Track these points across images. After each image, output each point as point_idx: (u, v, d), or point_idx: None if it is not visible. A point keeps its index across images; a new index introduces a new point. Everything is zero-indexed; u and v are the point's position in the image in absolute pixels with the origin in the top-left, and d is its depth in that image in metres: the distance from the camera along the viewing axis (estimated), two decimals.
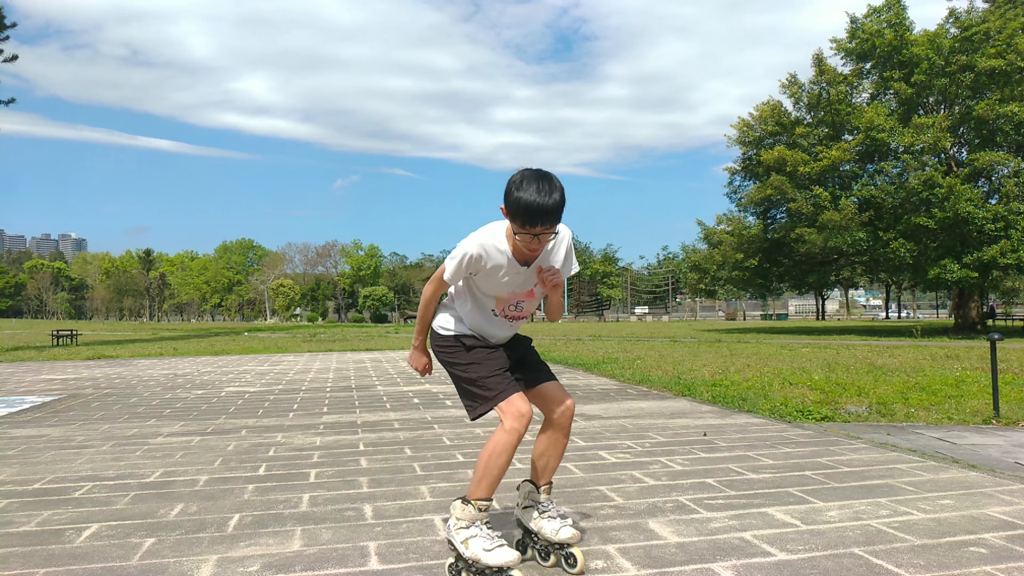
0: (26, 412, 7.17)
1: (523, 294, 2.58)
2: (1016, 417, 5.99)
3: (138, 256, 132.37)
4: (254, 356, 16.63)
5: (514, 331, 2.72)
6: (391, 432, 5.69)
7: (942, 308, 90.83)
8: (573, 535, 2.58)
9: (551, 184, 2.31)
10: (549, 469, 2.69)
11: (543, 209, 2.27)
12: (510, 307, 2.60)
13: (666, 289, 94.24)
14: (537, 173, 2.34)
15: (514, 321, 2.65)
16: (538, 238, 2.35)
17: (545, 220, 2.29)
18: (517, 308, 2.62)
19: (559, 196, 2.31)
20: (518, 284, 2.54)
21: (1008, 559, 2.65)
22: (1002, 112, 25.74)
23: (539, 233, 2.33)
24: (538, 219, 2.28)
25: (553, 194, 2.29)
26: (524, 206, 2.27)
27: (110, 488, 3.91)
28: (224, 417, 6.63)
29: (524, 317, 2.66)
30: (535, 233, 2.32)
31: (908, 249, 27.04)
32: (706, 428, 5.71)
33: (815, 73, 31.50)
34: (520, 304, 2.61)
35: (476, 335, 2.64)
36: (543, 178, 2.32)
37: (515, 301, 2.60)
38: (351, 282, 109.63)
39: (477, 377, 2.55)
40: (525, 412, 2.47)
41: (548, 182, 2.31)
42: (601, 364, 12.28)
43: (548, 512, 2.65)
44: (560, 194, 2.31)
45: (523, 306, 2.62)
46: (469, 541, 2.43)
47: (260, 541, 2.95)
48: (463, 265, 2.47)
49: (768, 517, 3.21)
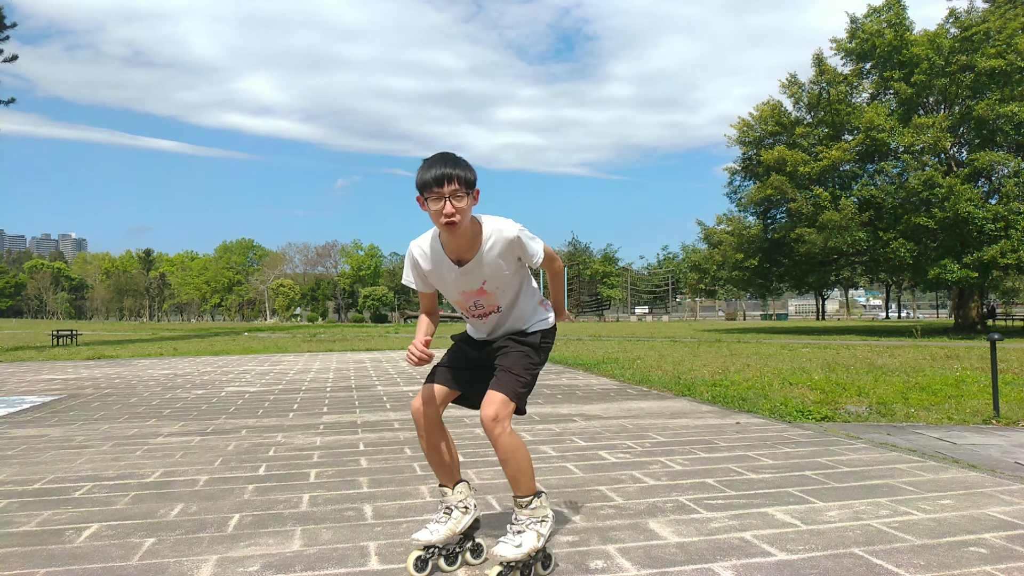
0: (26, 412, 7.17)
1: (474, 292, 2.58)
2: (1016, 417, 5.99)
3: (138, 256, 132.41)
4: (254, 356, 16.63)
5: (500, 327, 2.69)
6: (391, 432, 5.69)
7: (942, 308, 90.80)
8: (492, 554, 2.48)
9: (455, 155, 2.43)
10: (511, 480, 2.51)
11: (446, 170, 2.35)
12: (471, 307, 2.63)
13: (666, 289, 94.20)
14: (441, 152, 2.45)
15: (483, 319, 2.66)
16: (449, 201, 2.34)
17: (452, 179, 2.34)
18: (477, 307, 2.62)
19: (465, 162, 2.41)
20: (464, 283, 2.55)
21: (1008, 559, 2.65)
22: (1002, 112, 25.73)
23: (449, 194, 2.34)
24: (443, 178, 2.34)
25: (458, 159, 2.41)
26: (431, 171, 2.37)
27: (110, 488, 3.91)
28: (224, 417, 6.63)
29: (490, 313, 2.64)
30: (446, 194, 2.34)
31: (908, 249, 27.04)
32: (707, 428, 5.71)
33: (815, 73, 31.51)
34: (478, 302, 2.61)
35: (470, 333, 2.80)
36: (447, 152, 2.46)
37: (471, 300, 2.60)
38: (351, 282, 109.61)
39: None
40: (414, 401, 2.65)
41: (452, 154, 2.43)
42: (601, 364, 12.28)
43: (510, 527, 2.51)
44: (453, 157, 2.41)
45: (482, 303, 2.61)
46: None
47: (260, 541, 2.95)
48: (411, 267, 2.63)
49: (768, 517, 3.21)
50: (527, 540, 2.44)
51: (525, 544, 2.43)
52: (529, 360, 2.60)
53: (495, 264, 2.51)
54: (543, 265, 2.66)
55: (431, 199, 2.36)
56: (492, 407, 2.45)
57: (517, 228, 2.50)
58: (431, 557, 2.58)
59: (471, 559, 2.67)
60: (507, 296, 2.62)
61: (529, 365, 2.59)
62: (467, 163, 2.41)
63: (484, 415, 2.44)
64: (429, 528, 2.60)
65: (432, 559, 2.58)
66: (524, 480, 2.49)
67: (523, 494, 2.49)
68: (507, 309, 2.65)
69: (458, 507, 2.64)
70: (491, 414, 2.43)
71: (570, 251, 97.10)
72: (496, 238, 2.48)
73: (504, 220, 2.52)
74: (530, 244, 2.54)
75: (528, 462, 2.50)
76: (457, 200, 2.34)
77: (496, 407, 2.44)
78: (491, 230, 2.48)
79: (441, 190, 2.34)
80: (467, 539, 2.68)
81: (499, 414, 2.44)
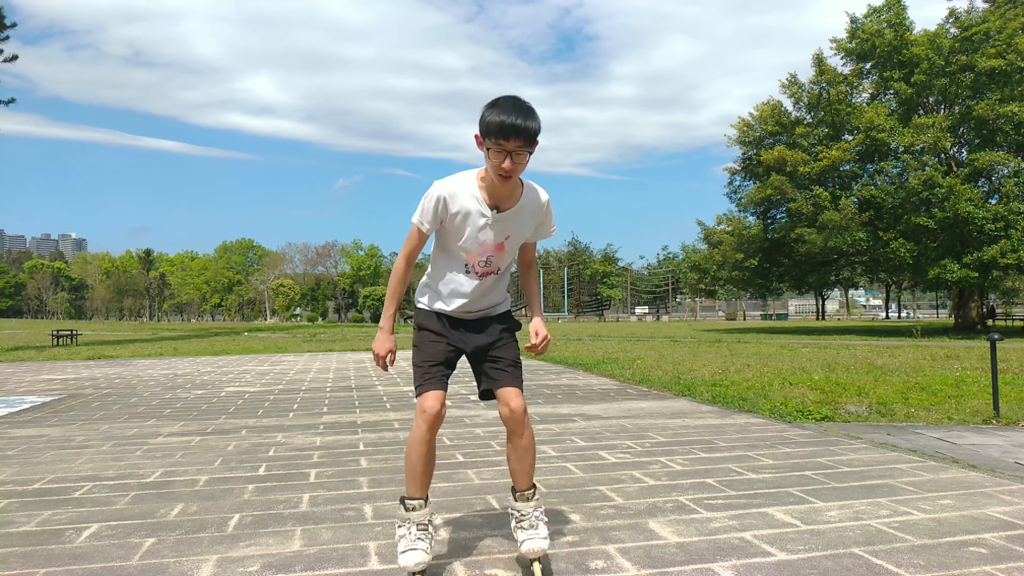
0: (26, 412, 7.17)
1: (492, 246, 2.54)
2: (1016, 417, 5.99)
3: (138, 256, 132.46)
4: (254, 356, 16.63)
5: (488, 297, 2.64)
6: (391, 432, 5.69)
7: (942, 308, 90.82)
8: (529, 550, 2.49)
9: (528, 105, 2.35)
10: (517, 475, 2.60)
11: (516, 124, 2.28)
12: (480, 263, 2.56)
13: (666, 289, 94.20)
14: (513, 98, 2.36)
15: (481, 279, 2.59)
16: (511, 157, 2.31)
17: (519, 134, 2.28)
18: (487, 264, 2.57)
19: (535, 115, 2.34)
20: (487, 234, 2.51)
21: (1008, 559, 2.65)
22: (1002, 112, 25.74)
23: (513, 150, 2.30)
24: (512, 133, 2.27)
25: (530, 112, 2.32)
26: (499, 118, 2.28)
27: (110, 488, 3.91)
28: (224, 417, 6.63)
29: (490, 274, 2.60)
30: (509, 150, 2.30)
31: (908, 249, 27.05)
32: (707, 428, 5.71)
33: (815, 73, 31.53)
34: (490, 259, 2.57)
35: (442, 304, 2.61)
36: (519, 100, 2.36)
37: (485, 255, 2.55)
38: (351, 282, 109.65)
39: (415, 362, 2.61)
40: (427, 409, 2.48)
41: (524, 103, 2.35)
42: (601, 364, 12.28)
43: (522, 523, 2.57)
44: (536, 115, 2.34)
45: (492, 261, 2.58)
46: (400, 540, 2.48)
47: (260, 541, 2.95)
48: (433, 207, 2.46)
49: (768, 517, 3.21)
50: (544, 529, 2.56)
51: (545, 534, 2.55)
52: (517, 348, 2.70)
53: (523, 222, 2.56)
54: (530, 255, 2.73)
55: (492, 149, 2.32)
56: (520, 399, 2.56)
57: (548, 195, 2.61)
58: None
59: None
60: (506, 262, 2.64)
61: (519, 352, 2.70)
62: (536, 114, 2.34)
63: (517, 406, 2.52)
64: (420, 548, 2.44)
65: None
66: (532, 470, 2.62)
67: (528, 487, 2.60)
68: (501, 276, 2.66)
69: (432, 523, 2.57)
70: (523, 405, 2.55)
71: (570, 251, 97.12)
72: (532, 196, 2.56)
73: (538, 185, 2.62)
74: (552, 215, 2.65)
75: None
76: (518, 157, 2.33)
77: (522, 399, 2.57)
78: (529, 187, 2.57)
79: (506, 144, 2.29)
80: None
81: (525, 405, 2.57)
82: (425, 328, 2.63)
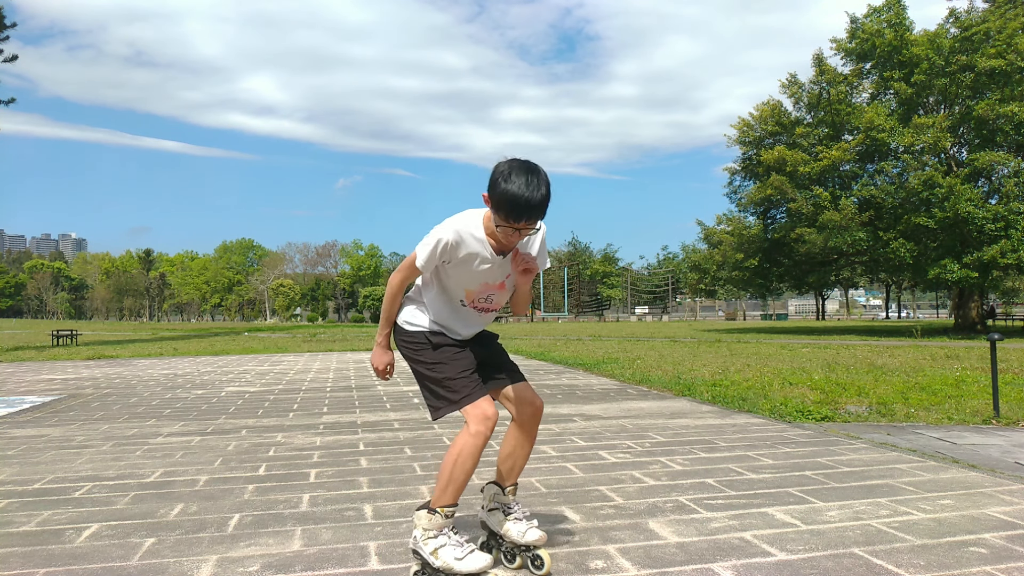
0: (26, 412, 7.17)
1: (495, 286, 2.53)
2: (1016, 417, 5.99)
3: (138, 256, 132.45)
4: (254, 356, 16.63)
5: (483, 325, 2.67)
6: (391, 432, 5.69)
7: (942, 308, 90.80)
8: (540, 537, 2.55)
9: (539, 178, 2.27)
10: (515, 471, 2.66)
11: (530, 204, 2.24)
12: (480, 299, 2.55)
13: (666, 289, 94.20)
14: (525, 165, 2.29)
15: (484, 313, 2.60)
16: (519, 232, 2.32)
17: (531, 215, 2.26)
18: (487, 300, 2.57)
19: (546, 191, 2.28)
20: (491, 275, 2.49)
21: (1008, 559, 2.65)
22: (1002, 112, 25.72)
23: (522, 228, 2.30)
24: (524, 214, 2.25)
25: (541, 188, 2.26)
26: (511, 199, 2.23)
27: (110, 488, 3.91)
28: (224, 417, 6.63)
29: (494, 310, 2.62)
30: (518, 227, 2.29)
31: (908, 249, 27.03)
32: (707, 428, 5.71)
33: (815, 73, 31.51)
34: (491, 296, 2.57)
35: (443, 330, 2.56)
36: (531, 171, 2.27)
37: (486, 293, 2.54)
38: (351, 282, 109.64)
39: (443, 378, 2.49)
40: (491, 415, 2.42)
41: (536, 176, 2.27)
42: (601, 364, 12.28)
43: (514, 514, 2.62)
44: (547, 189, 2.29)
45: (493, 298, 2.58)
46: (439, 551, 2.37)
47: (260, 541, 2.95)
48: (437, 252, 2.40)
49: (768, 517, 3.21)
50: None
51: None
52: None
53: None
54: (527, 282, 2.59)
55: (502, 225, 2.30)
56: (537, 396, 2.67)
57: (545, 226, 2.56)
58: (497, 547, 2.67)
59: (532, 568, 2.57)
60: (507, 296, 2.63)
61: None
62: (548, 189, 2.30)
63: (537, 405, 2.63)
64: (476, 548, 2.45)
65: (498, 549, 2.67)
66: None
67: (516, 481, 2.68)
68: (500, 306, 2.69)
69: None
70: (541, 402, 2.67)
71: (570, 251, 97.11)
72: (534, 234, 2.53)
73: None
74: (545, 246, 2.62)
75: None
76: (527, 233, 2.36)
77: (536, 395, 2.67)
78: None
79: (516, 224, 2.28)
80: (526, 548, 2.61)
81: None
82: (443, 345, 2.55)
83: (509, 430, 2.68)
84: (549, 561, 2.54)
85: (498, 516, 2.66)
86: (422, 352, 2.54)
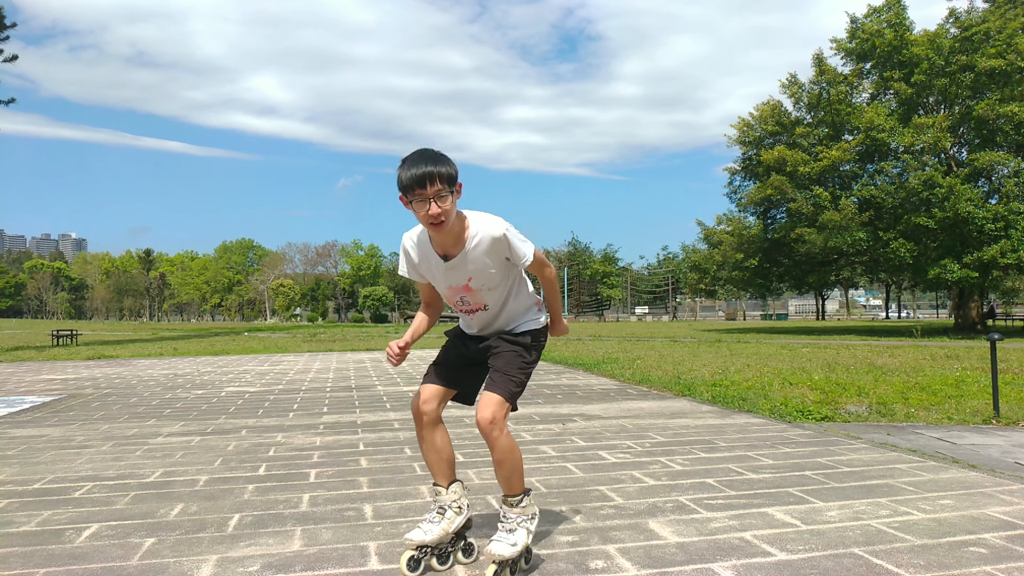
0: (26, 412, 7.17)
1: (460, 288, 2.57)
2: (1016, 417, 5.99)
3: (138, 256, 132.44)
4: (254, 356, 16.63)
5: (489, 325, 2.66)
6: (391, 432, 5.69)
7: (942, 308, 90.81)
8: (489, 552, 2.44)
9: (435, 152, 2.39)
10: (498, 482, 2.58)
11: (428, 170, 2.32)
12: (456, 301, 2.63)
13: (666, 289, 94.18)
14: (421, 150, 2.40)
15: (470, 315, 2.65)
16: (434, 202, 2.33)
17: (434, 178, 2.32)
18: (463, 302, 2.62)
19: (446, 159, 2.38)
20: (450, 278, 2.55)
21: (1008, 559, 2.65)
22: (1002, 112, 25.73)
23: (433, 195, 2.32)
24: (426, 178, 2.31)
25: (439, 157, 2.37)
26: (411, 172, 2.34)
27: (110, 488, 3.91)
28: (224, 417, 6.63)
29: (478, 310, 2.61)
30: (429, 196, 2.32)
31: (908, 249, 27.03)
32: (707, 428, 5.71)
33: (815, 73, 31.51)
34: (463, 298, 2.59)
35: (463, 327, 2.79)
36: (427, 150, 2.40)
37: (457, 296, 2.60)
38: (351, 282, 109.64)
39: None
40: (415, 404, 2.63)
41: (432, 151, 2.39)
42: (601, 364, 12.28)
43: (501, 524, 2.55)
44: (434, 154, 2.37)
45: (468, 300, 2.59)
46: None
47: (260, 541, 2.95)
48: (402, 257, 2.65)
49: (768, 517, 3.21)
50: (520, 538, 2.50)
51: (519, 542, 2.49)
52: (522, 360, 2.59)
53: (480, 262, 2.49)
54: (532, 269, 2.64)
55: (415, 201, 2.34)
56: (488, 409, 2.45)
57: (504, 227, 2.46)
58: (424, 557, 2.59)
59: (462, 558, 2.67)
60: (494, 295, 2.58)
61: (523, 365, 2.59)
62: (447, 158, 2.39)
63: (481, 418, 2.44)
64: (422, 528, 2.58)
65: (425, 559, 2.59)
66: (516, 479, 2.53)
67: (515, 493, 2.53)
68: (496, 309, 2.61)
69: (452, 507, 2.63)
70: (488, 416, 2.44)
71: (570, 251, 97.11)
72: (482, 236, 2.46)
73: (492, 218, 2.49)
74: (518, 245, 2.49)
75: (521, 461, 2.55)
76: (441, 200, 2.34)
77: (492, 409, 2.45)
78: (477, 227, 2.47)
79: (424, 191, 2.32)
80: (459, 538, 2.68)
81: (495, 416, 2.45)
82: (449, 335, 2.81)
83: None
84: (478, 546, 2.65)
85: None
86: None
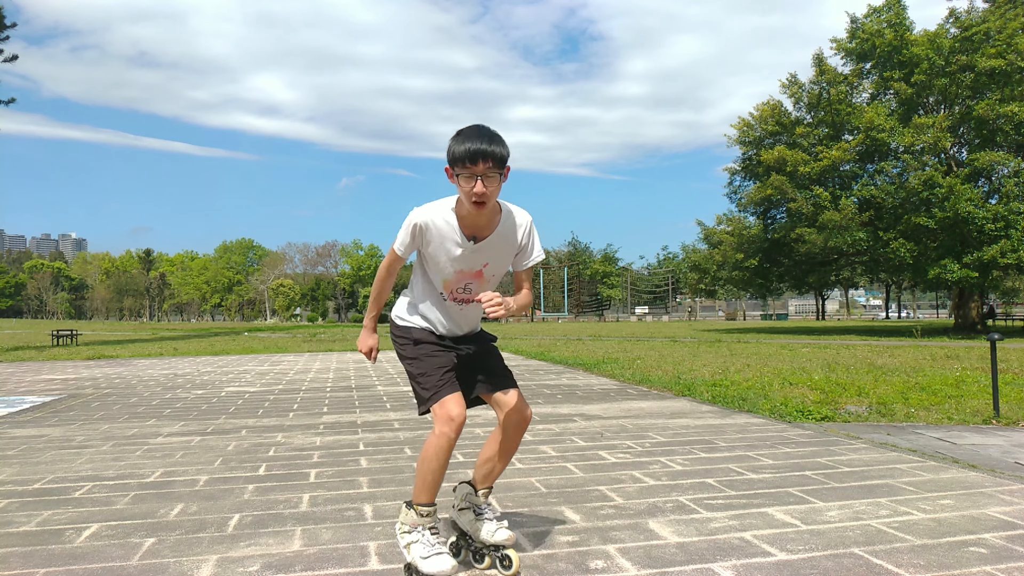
0: (26, 412, 7.17)
1: (471, 274, 2.52)
2: (1016, 417, 5.99)
3: (138, 256, 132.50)
4: (254, 356, 16.63)
5: (469, 321, 2.64)
6: (391, 432, 5.69)
7: (942, 308, 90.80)
8: (509, 537, 2.55)
9: (493, 131, 2.36)
10: (492, 476, 2.68)
11: (483, 148, 2.28)
12: (458, 289, 2.55)
13: (666, 289, 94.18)
14: (478, 125, 2.37)
15: (464, 305, 2.58)
16: (481, 180, 2.29)
17: (488, 157, 2.28)
18: (466, 290, 2.55)
19: (502, 140, 2.35)
20: (466, 262, 2.49)
21: (1008, 559, 2.65)
22: (1002, 112, 25.72)
23: (482, 173, 2.29)
24: (479, 156, 2.27)
25: (496, 137, 2.33)
26: (465, 146, 2.29)
27: (110, 488, 3.91)
28: (224, 417, 6.63)
29: (473, 301, 2.57)
30: (478, 173, 2.28)
31: (908, 249, 27.02)
32: (707, 428, 5.71)
33: (815, 73, 31.50)
34: (468, 286, 2.55)
35: (430, 326, 2.60)
36: (484, 127, 2.36)
37: (463, 282, 2.53)
38: (351, 282, 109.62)
39: (419, 373, 2.53)
40: (455, 416, 2.40)
41: (489, 129, 2.36)
42: (601, 364, 12.28)
43: (484, 515, 2.62)
44: (502, 140, 2.35)
45: (472, 288, 2.55)
46: (411, 546, 2.44)
47: (260, 541, 2.95)
48: (410, 234, 2.47)
49: (768, 517, 3.21)
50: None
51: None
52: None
53: (503, 248, 2.52)
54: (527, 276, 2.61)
55: (462, 176, 2.31)
56: (526, 405, 2.62)
57: (530, 217, 2.57)
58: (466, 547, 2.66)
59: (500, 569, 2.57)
60: (488, 288, 2.58)
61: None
62: (502, 139, 2.34)
63: (528, 414, 2.60)
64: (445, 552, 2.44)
65: (466, 549, 2.66)
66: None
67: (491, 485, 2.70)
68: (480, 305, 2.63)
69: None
70: (530, 413, 2.63)
71: (570, 251, 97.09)
72: (510, 221, 2.52)
73: (520, 208, 2.58)
74: (537, 240, 2.59)
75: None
76: (489, 180, 2.31)
77: (526, 404, 2.62)
78: (508, 212, 2.52)
79: (475, 168, 2.28)
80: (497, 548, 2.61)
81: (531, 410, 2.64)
82: (424, 342, 2.58)
83: (492, 435, 2.66)
84: (518, 561, 2.53)
85: (468, 516, 2.66)
86: (405, 347, 2.60)
